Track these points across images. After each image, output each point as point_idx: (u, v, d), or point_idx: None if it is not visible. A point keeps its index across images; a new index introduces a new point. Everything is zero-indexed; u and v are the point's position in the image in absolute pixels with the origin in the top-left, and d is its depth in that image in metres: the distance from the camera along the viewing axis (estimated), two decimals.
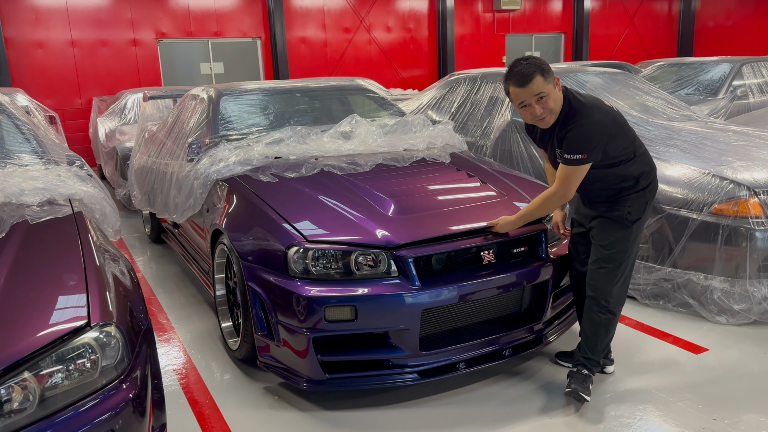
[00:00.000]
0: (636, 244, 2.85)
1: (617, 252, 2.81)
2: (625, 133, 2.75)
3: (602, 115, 2.65)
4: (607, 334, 2.92)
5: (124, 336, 1.97)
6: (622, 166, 2.73)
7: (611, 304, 2.86)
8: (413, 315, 2.72)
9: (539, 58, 2.64)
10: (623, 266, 2.83)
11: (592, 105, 2.67)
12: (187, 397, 3.05)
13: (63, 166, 3.14)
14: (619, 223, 2.80)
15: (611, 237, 2.82)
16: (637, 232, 2.83)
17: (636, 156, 2.77)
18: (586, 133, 2.61)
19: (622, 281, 2.86)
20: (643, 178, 2.79)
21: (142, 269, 5.20)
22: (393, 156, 3.84)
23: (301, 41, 13.13)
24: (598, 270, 2.86)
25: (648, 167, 2.82)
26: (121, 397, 1.90)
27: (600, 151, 2.65)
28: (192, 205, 3.84)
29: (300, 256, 2.77)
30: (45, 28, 10.74)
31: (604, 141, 2.64)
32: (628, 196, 2.78)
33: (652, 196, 2.84)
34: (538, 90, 2.58)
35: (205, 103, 4.44)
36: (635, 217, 2.79)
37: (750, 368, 3.17)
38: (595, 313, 2.89)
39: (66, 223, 2.54)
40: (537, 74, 2.57)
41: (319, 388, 2.81)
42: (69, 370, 1.83)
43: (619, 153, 2.71)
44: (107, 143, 8.02)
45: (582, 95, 2.71)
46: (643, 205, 2.80)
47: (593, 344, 2.91)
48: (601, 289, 2.85)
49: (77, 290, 2.04)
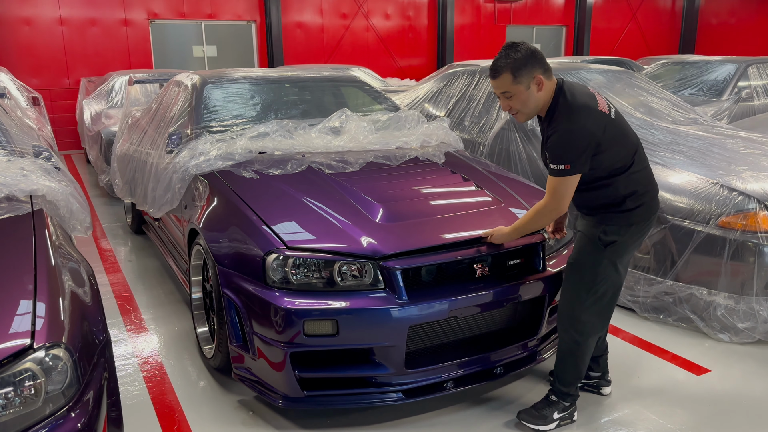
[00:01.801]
0: (610, 275, 2.52)
1: (585, 273, 2.54)
2: (621, 144, 2.44)
3: (590, 121, 2.35)
4: (574, 365, 2.65)
5: (74, 356, 1.76)
6: (611, 179, 2.45)
7: (577, 332, 2.59)
8: (399, 331, 2.53)
9: (524, 51, 2.37)
10: (593, 291, 2.54)
11: (582, 107, 2.37)
12: (156, 409, 2.85)
13: (28, 158, 2.93)
14: (593, 242, 2.52)
15: (579, 255, 2.57)
16: (613, 260, 2.51)
17: (629, 171, 2.46)
18: (568, 141, 2.34)
19: (593, 309, 2.56)
20: (632, 199, 2.47)
21: (121, 261, 4.98)
22: (385, 154, 3.63)
23: (297, 26, 12.84)
24: (564, 290, 2.64)
25: (642, 188, 2.49)
26: (69, 427, 1.71)
27: (586, 161, 2.37)
28: (169, 200, 3.63)
29: (279, 263, 2.57)
30: (33, 4, 10.41)
31: (590, 150, 2.36)
32: (609, 213, 2.49)
33: (642, 222, 2.50)
34: (504, 88, 2.41)
35: (189, 91, 4.21)
36: (610, 238, 2.48)
37: (752, 391, 3.01)
38: (561, 339, 2.67)
39: (22, 222, 2.33)
40: (506, 72, 2.37)
41: (296, 405, 2.62)
42: (9, 398, 1.64)
43: (610, 165, 2.42)
44: (92, 126, 7.75)
45: (575, 94, 2.42)
46: (625, 228, 2.48)
47: (561, 373, 2.68)
48: (565, 312, 2.62)
49: (24, 300, 1.83)
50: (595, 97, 2.46)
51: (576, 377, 2.68)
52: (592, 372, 2.93)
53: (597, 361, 2.91)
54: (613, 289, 2.58)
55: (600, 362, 2.92)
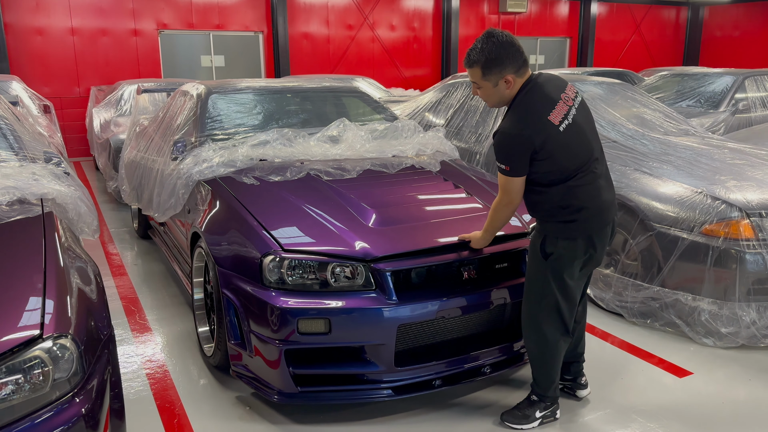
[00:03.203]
0: (557, 286, 2.53)
1: (532, 284, 2.61)
2: (564, 156, 2.44)
3: (529, 129, 2.40)
4: (545, 371, 2.70)
5: (80, 347, 1.90)
6: (548, 188, 2.50)
7: (539, 339, 2.64)
8: (389, 330, 2.65)
9: (497, 50, 2.42)
10: (544, 303, 2.57)
11: (529, 112, 2.44)
12: (157, 404, 2.98)
13: (39, 164, 3.08)
14: (534, 252, 2.58)
15: (528, 265, 2.65)
16: (557, 273, 2.52)
17: (568, 183, 2.46)
18: (504, 144, 2.46)
19: (548, 318, 2.59)
20: (567, 211, 2.48)
21: (127, 265, 5.13)
22: (381, 162, 3.77)
23: (304, 37, 13.04)
24: (523, 299, 2.71)
25: (578, 203, 2.47)
26: (74, 411, 1.84)
27: (525, 166, 2.44)
28: (173, 205, 3.77)
29: (275, 265, 2.70)
30: (45, 14, 10.66)
31: (526, 156, 2.42)
32: (547, 223, 2.54)
33: (578, 238, 2.48)
34: (473, 79, 2.55)
35: (194, 100, 4.37)
36: (549, 249, 2.51)
37: (735, 394, 3.10)
38: (527, 346, 2.74)
39: (33, 224, 2.47)
40: (477, 66, 2.49)
41: (290, 401, 2.74)
42: (19, 383, 1.77)
43: (547, 174, 2.47)
44: (101, 134, 7.94)
45: (534, 97, 2.45)
46: (564, 242, 2.49)
47: (536, 377, 2.76)
48: (524, 320, 2.69)
49: (34, 296, 1.97)
50: (555, 104, 2.46)
51: (549, 381, 2.74)
52: (566, 375, 2.98)
53: (568, 367, 2.95)
54: (565, 298, 2.57)
55: (571, 368, 2.96)
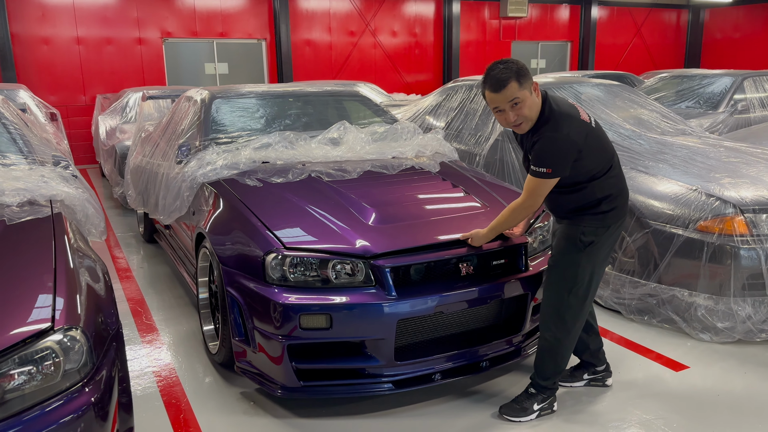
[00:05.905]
0: (589, 274, 2.69)
1: (564, 274, 2.71)
2: (600, 151, 2.63)
3: (573, 130, 2.54)
4: (554, 361, 2.81)
5: (90, 340, 1.97)
6: (590, 183, 2.63)
7: (560, 330, 2.75)
8: (388, 325, 2.72)
9: (517, 62, 2.53)
10: (574, 291, 2.70)
11: (566, 116, 2.55)
12: (164, 400, 3.05)
13: (48, 167, 3.16)
14: (572, 244, 2.69)
15: (560, 256, 2.73)
16: (592, 260, 2.68)
17: (606, 176, 2.65)
18: (552, 147, 2.53)
19: (574, 308, 2.72)
20: (607, 202, 2.66)
21: (134, 268, 5.22)
22: (382, 163, 3.84)
23: (306, 43, 13.17)
24: (546, 291, 2.79)
25: (616, 191, 2.68)
26: (84, 401, 1.91)
27: (567, 166, 2.56)
28: (178, 207, 3.86)
29: (278, 262, 2.78)
30: (51, 24, 10.81)
31: (571, 157, 2.55)
32: (585, 216, 2.67)
33: (614, 224, 2.68)
34: (512, 96, 2.51)
35: (198, 105, 4.46)
36: (588, 239, 2.66)
37: (731, 387, 3.15)
38: (543, 337, 2.82)
39: (43, 224, 2.55)
40: (512, 80, 2.49)
41: (293, 395, 2.81)
42: (31, 373, 1.84)
43: (589, 170, 2.61)
44: (107, 141, 8.05)
45: (559, 104, 2.60)
46: (602, 230, 2.66)
47: (541, 368, 2.84)
48: (547, 312, 2.79)
49: (45, 292, 2.04)
50: (576, 108, 2.66)
51: (555, 372, 2.83)
52: (597, 367, 3.09)
53: (596, 355, 3.07)
54: (593, 288, 2.75)
55: (600, 356, 3.08)
